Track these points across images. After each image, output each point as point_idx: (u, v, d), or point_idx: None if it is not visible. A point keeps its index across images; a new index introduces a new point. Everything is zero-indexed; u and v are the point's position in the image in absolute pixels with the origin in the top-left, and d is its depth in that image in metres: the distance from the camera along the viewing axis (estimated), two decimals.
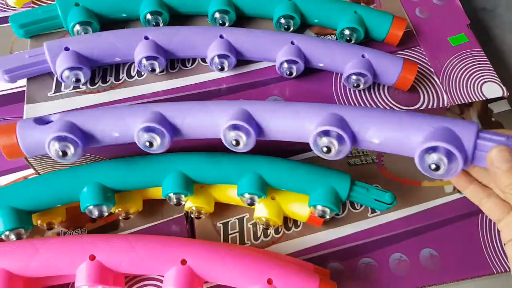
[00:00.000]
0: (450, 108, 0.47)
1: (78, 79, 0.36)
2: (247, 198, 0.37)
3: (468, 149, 0.27)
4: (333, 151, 0.29)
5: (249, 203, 0.37)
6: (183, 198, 0.36)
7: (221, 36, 0.38)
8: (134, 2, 0.40)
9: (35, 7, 0.41)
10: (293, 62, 0.38)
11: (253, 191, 0.36)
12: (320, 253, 0.39)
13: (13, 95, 0.43)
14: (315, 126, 0.29)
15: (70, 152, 0.30)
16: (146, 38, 0.37)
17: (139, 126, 0.30)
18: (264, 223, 0.38)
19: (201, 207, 0.38)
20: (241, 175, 0.37)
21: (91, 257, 0.32)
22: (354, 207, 0.41)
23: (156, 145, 0.31)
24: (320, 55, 0.39)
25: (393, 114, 0.29)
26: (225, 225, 0.40)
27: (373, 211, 0.41)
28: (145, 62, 0.37)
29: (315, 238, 0.40)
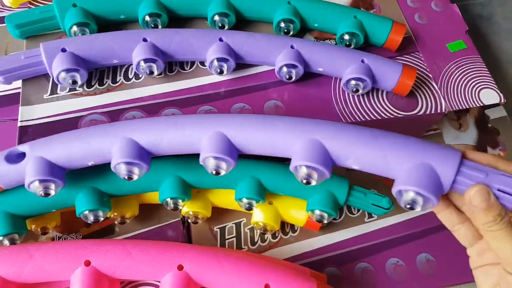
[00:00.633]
0: (448, 114, 0.47)
1: (75, 81, 0.36)
2: (245, 203, 0.36)
3: (446, 187, 0.27)
4: (313, 183, 0.29)
5: (247, 208, 0.37)
6: (181, 203, 0.36)
7: (221, 39, 0.38)
8: (133, 4, 0.39)
9: (32, 8, 0.40)
10: (293, 66, 0.38)
11: (251, 196, 0.36)
12: (317, 258, 0.39)
13: (8, 97, 0.42)
14: (295, 160, 0.28)
15: (53, 192, 0.31)
16: (145, 40, 0.37)
17: (117, 161, 0.30)
18: (262, 228, 0.38)
19: (198, 212, 0.38)
20: (239, 180, 0.36)
21: (86, 263, 0.31)
22: (351, 212, 0.41)
23: (136, 176, 0.31)
24: (320, 60, 0.38)
25: (374, 144, 0.27)
26: (222, 230, 0.40)
27: (370, 216, 0.41)
28: (143, 65, 0.37)
29: (312, 243, 0.40)
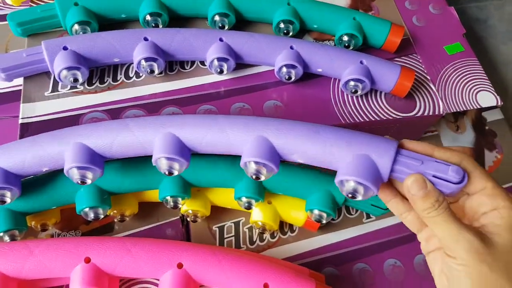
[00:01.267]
0: (445, 116, 0.47)
1: (76, 79, 0.36)
2: (244, 202, 0.37)
3: (385, 176, 0.28)
4: (262, 178, 0.30)
5: (246, 207, 0.37)
6: (180, 201, 0.36)
7: (221, 39, 0.38)
8: (134, 3, 0.40)
9: (34, 6, 0.40)
10: (292, 67, 0.38)
11: (251, 195, 0.36)
12: (315, 258, 0.39)
13: (9, 94, 0.42)
14: (244, 157, 0.30)
15: (9, 199, 0.31)
16: (146, 39, 0.37)
17: (70, 165, 0.30)
18: (260, 227, 0.38)
19: (198, 211, 0.38)
20: (239, 179, 0.37)
21: (86, 260, 0.32)
22: (350, 213, 0.42)
23: (90, 180, 0.31)
24: (319, 61, 0.39)
25: (317, 139, 0.29)
26: (221, 229, 0.40)
27: (369, 217, 0.41)
28: (144, 63, 0.37)
29: (310, 243, 0.40)
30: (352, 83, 0.38)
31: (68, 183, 0.34)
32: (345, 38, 0.41)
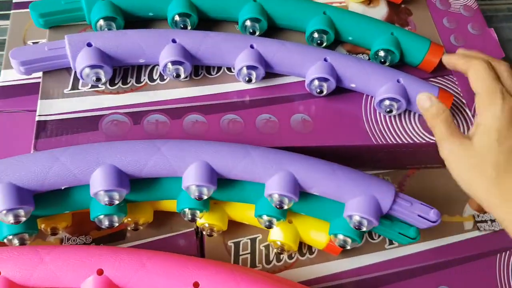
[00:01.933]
0: None
1: (99, 78, 0.34)
2: (265, 220, 0.35)
3: (384, 212, 0.33)
4: (285, 207, 0.33)
5: (267, 226, 0.35)
6: (198, 214, 0.35)
7: (252, 46, 0.36)
8: (163, 2, 0.38)
9: None
10: (325, 80, 0.36)
11: (273, 214, 0.34)
12: (334, 283, 0.38)
13: (26, 86, 0.41)
14: (268, 189, 0.33)
15: (24, 218, 0.30)
16: (174, 41, 0.35)
17: (98, 189, 0.30)
18: (279, 248, 0.37)
19: (214, 225, 0.36)
20: (260, 195, 0.35)
21: (99, 272, 0.30)
22: (372, 237, 0.40)
23: (117, 201, 0.31)
24: (354, 75, 0.37)
25: (333, 178, 0.33)
26: (237, 245, 0.38)
27: (391, 243, 0.40)
28: (171, 67, 0.35)
29: (329, 267, 0.38)
30: (388, 102, 0.36)
31: (84, 188, 0.32)
32: (382, 54, 0.39)
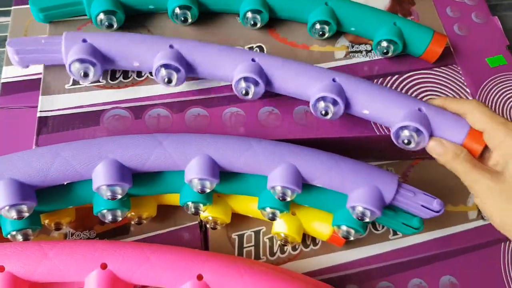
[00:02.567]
0: None
1: (86, 74, 0.33)
2: (269, 212, 0.35)
3: (387, 203, 0.33)
4: (288, 199, 0.33)
5: (271, 218, 0.35)
6: (202, 208, 0.34)
7: (253, 60, 0.34)
8: None
9: None
10: (333, 102, 0.33)
11: (276, 206, 0.34)
12: (338, 274, 0.38)
13: (27, 82, 0.41)
14: (271, 181, 0.33)
15: (27, 214, 0.30)
16: (171, 47, 0.34)
17: (101, 184, 0.30)
18: (282, 239, 0.37)
19: (218, 218, 0.36)
20: (263, 187, 0.35)
21: (103, 266, 0.30)
22: (376, 228, 0.40)
23: (120, 196, 0.31)
24: (367, 102, 0.34)
25: (337, 169, 0.33)
26: (241, 238, 0.38)
27: (395, 233, 0.40)
28: (163, 71, 0.33)
29: (333, 258, 0.38)
30: (407, 133, 0.32)
31: (86, 183, 0.32)
32: (384, 44, 0.39)
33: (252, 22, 0.39)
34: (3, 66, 0.42)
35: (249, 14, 0.39)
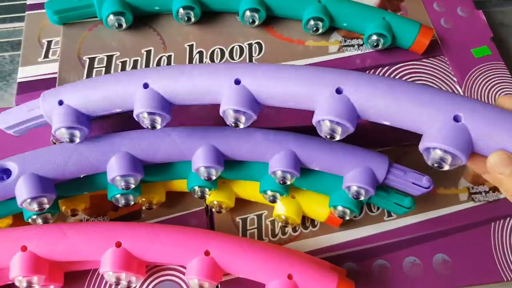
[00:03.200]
0: None
1: (72, 140, 0.32)
2: (270, 195, 0.37)
3: (380, 182, 0.35)
4: (288, 182, 0.35)
5: (271, 200, 0.37)
6: (207, 192, 0.37)
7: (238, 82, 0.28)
8: None
9: None
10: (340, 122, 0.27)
11: (276, 189, 0.37)
12: (336, 253, 0.40)
13: (43, 82, 0.43)
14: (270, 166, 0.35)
15: (47, 206, 0.32)
16: (146, 87, 0.29)
17: (114, 174, 0.33)
18: (283, 221, 0.39)
19: (223, 202, 0.39)
20: (264, 173, 0.37)
21: (117, 244, 0.32)
22: (371, 210, 0.42)
23: (133, 185, 0.34)
24: (385, 111, 0.26)
25: (332, 152, 0.35)
26: (244, 221, 0.41)
27: (389, 215, 0.42)
28: (146, 116, 0.30)
29: (331, 238, 0.41)
30: (439, 154, 0.26)
31: (101, 173, 0.35)
32: (374, 37, 0.41)
33: (251, 20, 0.42)
34: (19, 67, 0.44)
35: (248, 13, 0.41)
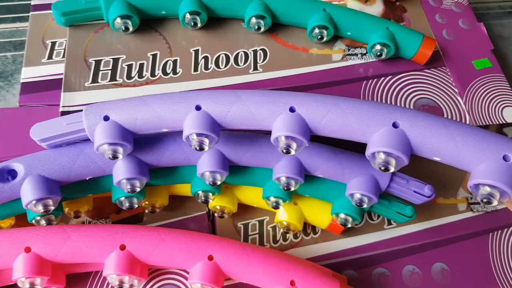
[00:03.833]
0: None
1: (115, 156, 0.31)
2: (272, 201, 0.37)
3: (383, 190, 0.35)
4: (292, 188, 0.35)
5: (274, 206, 0.38)
6: (211, 196, 0.37)
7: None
8: (175, 1, 0.41)
9: None
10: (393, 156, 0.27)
11: (279, 195, 0.37)
12: (336, 261, 0.40)
13: (46, 83, 0.43)
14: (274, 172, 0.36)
15: (52, 208, 0.32)
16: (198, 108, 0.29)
17: (120, 177, 0.33)
18: (285, 227, 0.39)
19: (225, 207, 0.39)
20: (268, 179, 0.37)
21: (122, 247, 0.32)
22: (372, 218, 0.42)
23: (138, 189, 0.34)
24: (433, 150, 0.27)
25: (336, 160, 0.35)
26: (246, 226, 0.41)
27: (390, 223, 0.42)
28: (195, 138, 0.30)
29: (332, 246, 0.41)
30: (487, 190, 0.26)
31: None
32: (378, 47, 0.42)
33: (256, 27, 0.42)
34: (23, 68, 0.44)
35: (254, 20, 0.42)
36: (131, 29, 0.40)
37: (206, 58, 0.42)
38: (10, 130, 0.41)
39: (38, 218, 0.34)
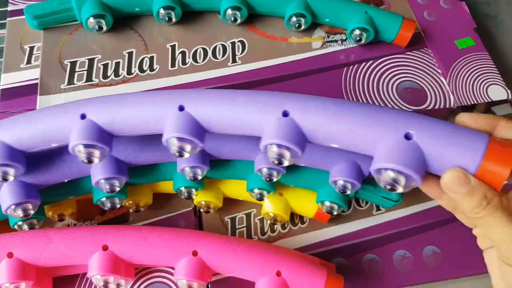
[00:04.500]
0: (454, 111, 0.48)
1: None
2: (257, 193, 0.37)
3: (366, 173, 0.34)
4: (274, 179, 0.35)
5: (258, 198, 0.37)
6: (194, 192, 0.37)
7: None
8: None
9: None
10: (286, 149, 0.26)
11: (263, 186, 0.36)
12: (325, 249, 0.40)
13: (25, 88, 0.43)
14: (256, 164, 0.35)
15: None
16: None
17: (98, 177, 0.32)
18: (272, 219, 0.39)
19: (210, 202, 0.39)
20: (250, 171, 0.37)
21: (104, 247, 0.32)
22: (360, 205, 0.42)
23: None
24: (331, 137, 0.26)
25: (317, 149, 0.34)
26: (233, 220, 0.40)
27: (378, 209, 0.42)
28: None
29: (321, 234, 0.41)
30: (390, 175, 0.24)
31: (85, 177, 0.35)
32: (357, 32, 0.41)
33: (233, 19, 0.42)
34: (2, 74, 0.44)
35: (229, 11, 0.41)
36: (105, 28, 0.40)
37: (184, 53, 0.41)
38: None
39: (20, 223, 0.34)
